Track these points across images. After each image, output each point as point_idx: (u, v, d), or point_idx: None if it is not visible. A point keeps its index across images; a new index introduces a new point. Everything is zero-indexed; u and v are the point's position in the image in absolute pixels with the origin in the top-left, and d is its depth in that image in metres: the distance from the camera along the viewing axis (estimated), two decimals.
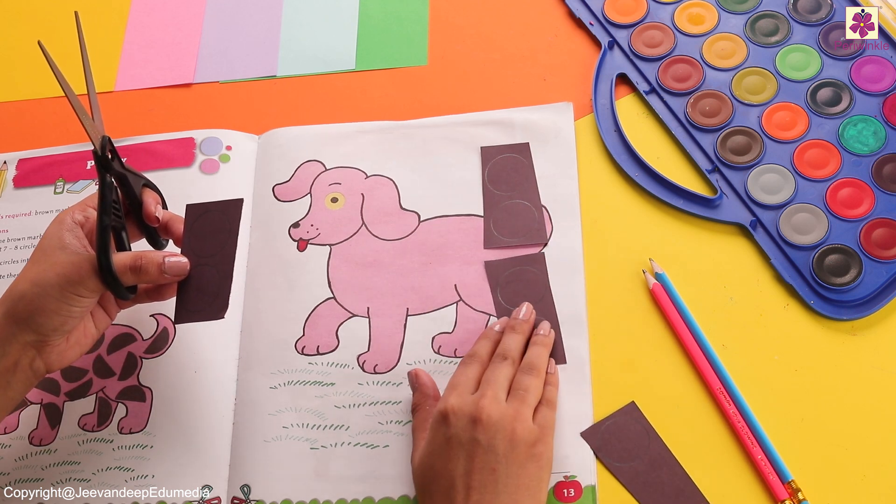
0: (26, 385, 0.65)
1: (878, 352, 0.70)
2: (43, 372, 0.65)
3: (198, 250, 0.68)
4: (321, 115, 0.85)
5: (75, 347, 0.67)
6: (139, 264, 0.65)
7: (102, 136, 0.66)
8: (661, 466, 0.67)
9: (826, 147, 0.77)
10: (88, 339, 0.68)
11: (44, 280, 0.63)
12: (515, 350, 0.68)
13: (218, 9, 0.92)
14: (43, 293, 0.63)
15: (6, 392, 0.65)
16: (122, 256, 0.65)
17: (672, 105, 0.80)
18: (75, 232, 0.66)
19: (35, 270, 0.64)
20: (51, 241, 0.65)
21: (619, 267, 0.75)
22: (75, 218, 0.67)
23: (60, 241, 0.65)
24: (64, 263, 0.63)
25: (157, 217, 0.69)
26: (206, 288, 0.67)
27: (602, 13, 0.85)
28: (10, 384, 0.64)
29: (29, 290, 0.63)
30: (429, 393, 0.69)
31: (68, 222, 0.66)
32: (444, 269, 0.75)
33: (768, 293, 0.73)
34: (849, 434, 0.67)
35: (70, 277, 0.63)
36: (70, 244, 0.65)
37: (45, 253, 0.65)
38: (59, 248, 0.64)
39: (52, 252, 0.64)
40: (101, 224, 0.64)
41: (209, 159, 0.82)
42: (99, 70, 0.90)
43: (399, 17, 0.89)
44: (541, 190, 0.78)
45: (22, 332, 0.63)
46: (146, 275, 0.66)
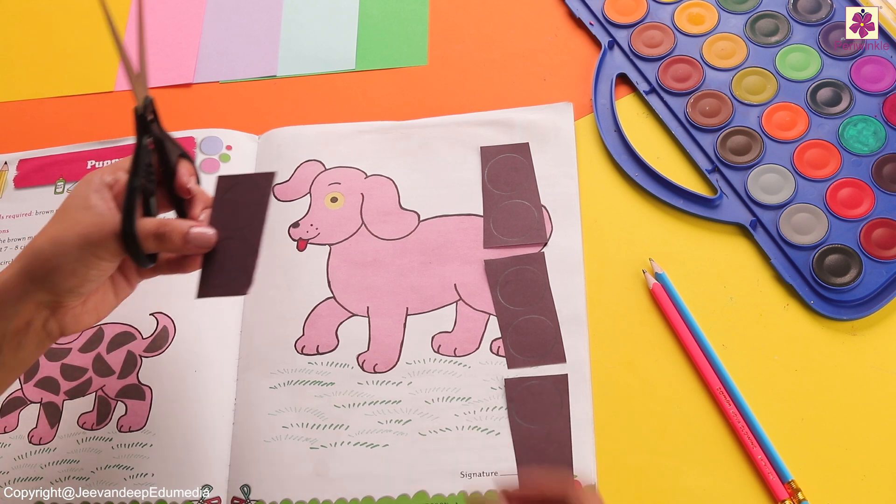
0: (39, 347, 0.63)
1: (878, 352, 0.70)
2: (57, 334, 0.63)
3: (225, 223, 0.65)
4: (321, 115, 0.85)
5: (92, 313, 0.64)
6: (163, 231, 0.62)
7: (146, 97, 0.63)
8: (553, 441, 0.68)
9: (826, 147, 0.77)
10: (107, 306, 0.65)
11: (63, 239, 0.61)
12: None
13: (218, 9, 0.92)
14: (61, 252, 0.60)
15: (17, 353, 0.62)
16: (147, 222, 0.62)
17: (672, 105, 0.80)
18: (102, 193, 0.63)
19: (55, 228, 0.61)
20: (75, 200, 0.62)
21: (619, 267, 0.75)
22: (104, 179, 0.63)
23: (86, 200, 0.62)
24: (86, 223, 0.61)
25: (188, 189, 0.65)
26: (231, 262, 0.64)
27: (602, 13, 0.85)
28: (22, 344, 0.62)
29: (47, 247, 0.61)
30: None
31: (96, 182, 0.63)
32: (443, 269, 0.75)
33: (768, 293, 0.73)
34: (849, 434, 0.67)
35: (90, 238, 0.60)
36: (95, 205, 0.62)
37: (68, 211, 0.62)
38: (84, 208, 0.62)
39: (76, 211, 0.62)
40: (131, 185, 0.62)
41: (209, 159, 0.82)
42: (99, 70, 0.91)
43: (399, 17, 0.89)
44: (541, 190, 0.78)
45: (37, 290, 0.61)
46: (169, 242, 0.62)
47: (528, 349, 0.72)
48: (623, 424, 0.69)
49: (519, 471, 0.68)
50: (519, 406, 0.70)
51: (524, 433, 0.69)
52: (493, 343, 0.73)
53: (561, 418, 0.69)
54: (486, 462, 0.68)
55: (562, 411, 0.70)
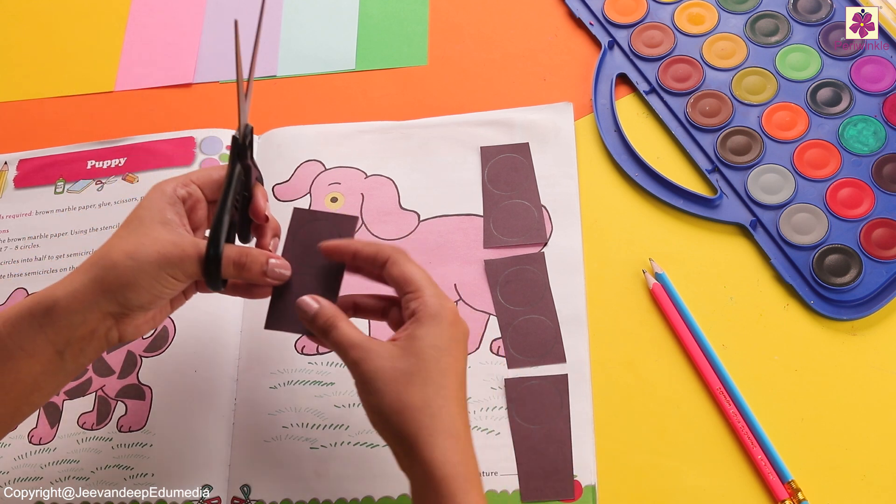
0: (97, 353, 0.62)
1: (878, 352, 0.70)
2: (116, 342, 0.62)
3: (300, 258, 0.65)
4: (321, 115, 0.85)
5: (150, 322, 0.64)
6: (244, 261, 0.62)
7: (247, 125, 0.63)
8: (553, 441, 0.68)
9: (826, 147, 0.77)
10: (163, 315, 0.65)
11: (141, 255, 0.59)
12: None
13: (218, 9, 0.92)
14: (139, 268, 0.59)
15: (78, 358, 0.61)
16: (229, 249, 0.62)
17: (672, 105, 0.80)
18: (177, 208, 0.62)
19: (132, 242, 0.60)
20: (150, 213, 0.61)
21: (619, 267, 0.75)
22: (178, 192, 0.63)
23: (162, 214, 0.61)
24: (165, 242, 0.60)
25: (266, 216, 0.65)
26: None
27: (602, 13, 0.85)
28: (84, 351, 0.61)
29: (123, 261, 0.60)
30: None
31: (170, 194, 0.62)
32: (443, 269, 0.75)
33: (768, 293, 0.73)
34: (849, 434, 0.67)
35: (171, 259, 0.60)
36: (171, 220, 0.61)
37: (144, 224, 0.61)
38: (161, 223, 0.61)
39: (153, 226, 0.61)
40: (222, 213, 0.61)
41: (209, 158, 0.82)
42: (99, 70, 0.91)
43: (399, 17, 0.89)
44: (541, 190, 0.78)
45: (108, 302, 0.60)
46: (248, 272, 0.62)
47: (528, 349, 0.72)
48: (623, 424, 0.69)
49: None
50: (519, 406, 0.70)
51: (524, 433, 0.69)
52: (493, 343, 0.73)
53: (561, 418, 0.69)
54: (487, 462, 0.68)
55: (562, 411, 0.70)
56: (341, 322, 0.61)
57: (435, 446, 0.56)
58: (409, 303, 0.61)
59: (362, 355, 0.59)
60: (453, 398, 0.58)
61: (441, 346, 0.59)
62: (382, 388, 0.58)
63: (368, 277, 0.65)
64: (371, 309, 0.66)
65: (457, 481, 0.56)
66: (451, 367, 0.59)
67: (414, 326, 0.59)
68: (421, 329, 0.59)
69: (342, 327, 0.61)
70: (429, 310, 0.60)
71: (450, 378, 0.59)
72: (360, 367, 0.59)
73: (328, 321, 0.61)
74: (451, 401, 0.58)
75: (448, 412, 0.58)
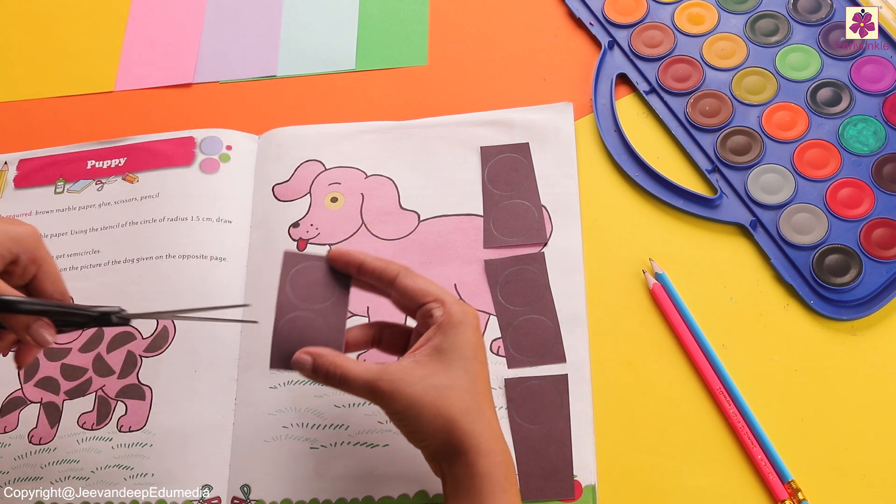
0: None
1: (878, 352, 0.70)
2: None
3: (297, 299, 0.64)
4: (321, 115, 0.85)
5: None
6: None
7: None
8: (553, 441, 0.68)
9: (826, 147, 0.77)
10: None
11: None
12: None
13: (218, 9, 0.92)
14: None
15: None
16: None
17: (672, 105, 0.80)
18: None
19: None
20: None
21: (619, 267, 0.75)
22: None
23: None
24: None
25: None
26: (313, 336, 0.64)
27: (602, 13, 0.85)
28: None
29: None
30: None
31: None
32: (443, 269, 0.75)
33: (768, 293, 0.73)
34: (849, 434, 0.67)
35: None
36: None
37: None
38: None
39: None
40: None
41: (209, 158, 0.82)
42: (99, 70, 0.91)
43: (399, 17, 0.89)
44: (540, 190, 0.78)
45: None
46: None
47: (528, 349, 0.72)
48: (623, 424, 0.69)
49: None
50: (519, 406, 0.70)
51: (524, 433, 0.69)
52: (493, 343, 0.73)
53: (561, 418, 0.69)
54: None
55: (562, 411, 0.70)
56: (346, 363, 0.62)
57: (479, 450, 0.59)
58: (433, 311, 0.62)
59: (391, 387, 0.60)
60: (487, 402, 0.61)
61: (468, 354, 0.61)
62: (423, 412, 0.59)
63: (371, 291, 0.66)
64: (362, 342, 0.67)
65: (498, 479, 0.58)
66: (480, 372, 0.61)
67: (439, 336, 0.61)
68: (448, 339, 0.61)
69: (350, 368, 0.61)
70: (454, 318, 0.61)
71: (481, 384, 0.61)
72: (394, 401, 0.60)
73: (330, 368, 0.62)
74: (487, 405, 0.61)
75: (485, 415, 0.60)
